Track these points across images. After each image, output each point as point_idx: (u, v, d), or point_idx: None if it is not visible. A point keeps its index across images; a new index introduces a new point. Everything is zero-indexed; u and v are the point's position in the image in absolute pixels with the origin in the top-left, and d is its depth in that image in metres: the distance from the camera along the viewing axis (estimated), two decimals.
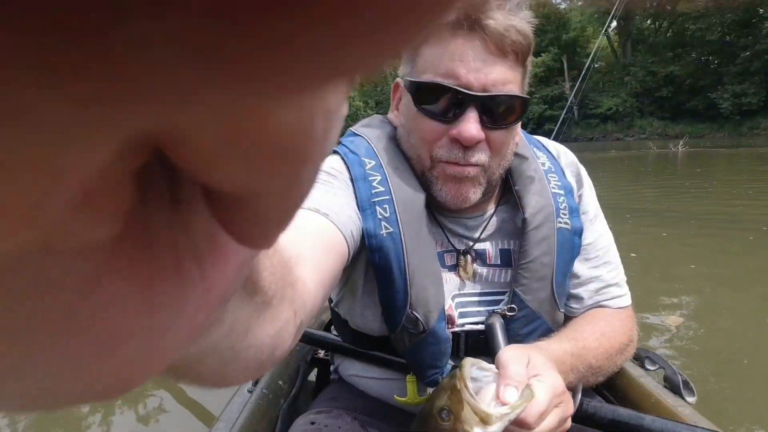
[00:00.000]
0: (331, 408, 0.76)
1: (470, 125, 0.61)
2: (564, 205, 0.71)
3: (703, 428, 0.64)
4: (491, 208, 0.74)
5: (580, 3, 37.09)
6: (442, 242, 0.71)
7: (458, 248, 0.71)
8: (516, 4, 0.62)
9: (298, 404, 0.97)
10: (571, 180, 0.76)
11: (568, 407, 0.55)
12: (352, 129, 0.78)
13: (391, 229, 0.64)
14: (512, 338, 0.67)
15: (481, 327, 0.70)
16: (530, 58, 0.66)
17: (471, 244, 0.72)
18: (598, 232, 0.76)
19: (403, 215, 0.64)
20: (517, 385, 0.49)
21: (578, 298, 0.75)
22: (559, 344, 0.64)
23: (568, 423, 0.55)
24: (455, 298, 0.70)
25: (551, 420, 0.50)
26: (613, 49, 33.79)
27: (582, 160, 0.82)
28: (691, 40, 29.32)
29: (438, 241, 0.71)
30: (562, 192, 0.72)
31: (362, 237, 0.64)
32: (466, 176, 0.64)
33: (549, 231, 0.69)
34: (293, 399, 0.97)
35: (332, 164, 0.69)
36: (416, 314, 0.64)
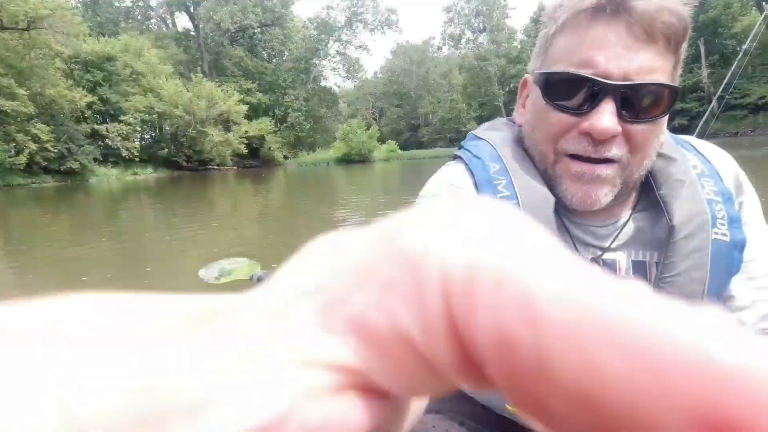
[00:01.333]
0: (439, 409, 0.73)
1: (605, 117, 0.55)
2: (722, 213, 0.62)
3: None
4: (626, 215, 0.66)
5: None
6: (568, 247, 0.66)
7: (584, 256, 0.64)
8: None
9: None
10: (730, 185, 0.66)
11: None
12: (474, 132, 0.74)
13: None
14: None
15: None
16: (685, 45, 0.58)
17: (600, 253, 0.65)
18: (764, 247, 0.65)
19: None
20: None
21: None
22: None
23: None
24: None
25: None
26: (765, 19, 28.54)
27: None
28: None
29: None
30: (719, 199, 0.62)
31: None
32: (598, 176, 0.59)
33: (702, 242, 0.60)
34: None
35: (455, 174, 0.67)
36: None
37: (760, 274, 0.64)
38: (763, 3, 29.67)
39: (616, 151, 0.57)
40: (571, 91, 0.57)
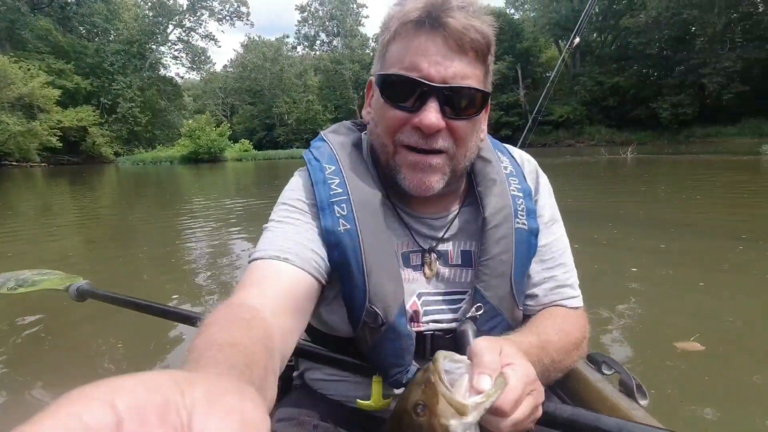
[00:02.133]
0: (292, 416, 0.74)
1: (431, 114, 0.64)
2: (522, 206, 0.75)
3: (657, 428, 0.64)
4: (455, 209, 0.77)
5: (532, 14, 38.62)
6: (408, 243, 0.74)
7: (423, 247, 0.75)
8: (478, 7, 0.66)
9: None
10: (531, 184, 0.80)
11: (540, 394, 0.55)
12: (322, 133, 0.83)
13: (349, 226, 0.68)
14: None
15: (446, 326, 0.73)
16: (491, 57, 0.69)
17: (434, 244, 0.75)
18: (554, 235, 0.79)
19: (359, 213, 0.68)
20: (491, 373, 0.49)
21: (533, 296, 0.77)
22: (524, 337, 0.65)
23: (540, 411, 0.55)
24: (421, 297, 0.73)
25: (525, 407, 0.51)
26: (564, 59, 35.47)
27: (543, 166, 0.85)
28: (633, 54, 31.19)
29: (404, 242, 0.74)
30: (521, 195, 0.76)
31: (324, 241, 0.69)
32: (430, 164, 0.68)
33: (507, 230, 0.72)
34: None
35: (295, 182, 0.76)
36: (375, 308, 0.66)
37: (550, 257, 0.78)
38: (560, 41, 36.96)
39: (442, 143, 0.67)
40: (402, 91, 0.67)
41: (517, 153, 0.84)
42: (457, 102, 0.66)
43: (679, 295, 2.65)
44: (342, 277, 0.68)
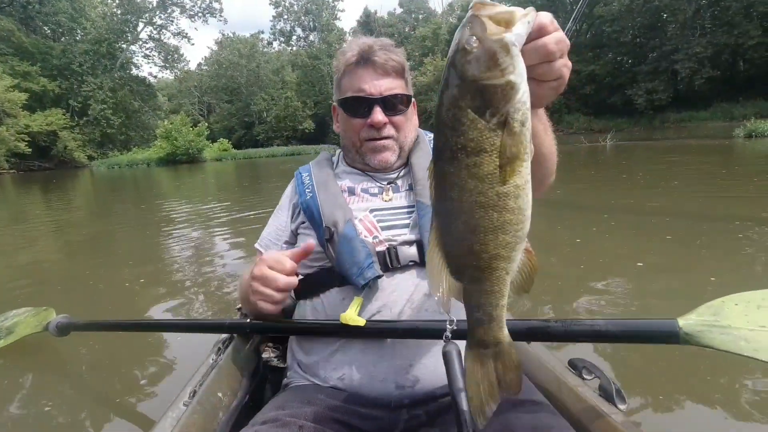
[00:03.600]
0: (277, 417, 0.81)
1: (377, 115, 1.04)
2: None
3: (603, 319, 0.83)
4: (403, 165, 1.15)
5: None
6: (368, 182, 1.10)
7: (383, 183, 1.10)
8: (392, 46, 1.07)
9: (242, 417, 0.98)
10: None
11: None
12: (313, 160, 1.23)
13: (311, 194, 1.08)
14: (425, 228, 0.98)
15: (405, 237, 0.99)
16: (407, 73, 1.10)
17: (392, 179, 1.11)
18: None
19: (318, 188, 1.08)
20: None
21: None
22: None
23: (568, 43, 0.60)
24: (373, 211, 1.04)
25: (560, 32, 0.57)
26: None
27: None
28: (608, 41, 31.62)
29: (365, 182, 1.10)
30: None
31: (299, 215, 1.10)
32: (384, 146, 1.07)
33: (425, 172, 1.04)
34: (233, 411, 0.99)
35: (289, 188, 1.19)
36: (328, 226, 1.00)
37: None
38: None
39: (388, 132, 1.07)
40: (357, 106, 1.06)
41: None
42: (391, 104, 1.05)
43: (687, 287, 2.59)
44: (311, 221, 1.05)
